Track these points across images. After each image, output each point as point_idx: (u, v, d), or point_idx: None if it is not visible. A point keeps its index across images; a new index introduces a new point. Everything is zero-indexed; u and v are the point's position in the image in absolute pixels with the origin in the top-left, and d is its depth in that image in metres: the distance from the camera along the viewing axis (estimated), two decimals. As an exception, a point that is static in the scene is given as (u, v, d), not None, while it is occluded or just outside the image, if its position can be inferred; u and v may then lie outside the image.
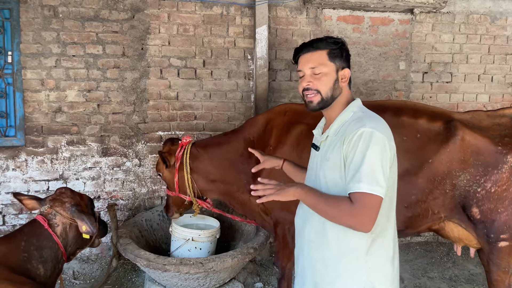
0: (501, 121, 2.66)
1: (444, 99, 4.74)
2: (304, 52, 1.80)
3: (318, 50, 1.77)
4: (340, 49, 1.79)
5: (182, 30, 4.19)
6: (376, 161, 1.60)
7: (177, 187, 3.27)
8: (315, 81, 1.76)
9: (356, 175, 1.59)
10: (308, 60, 1.78)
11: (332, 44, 1.78)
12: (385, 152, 1.63)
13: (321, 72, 1.75)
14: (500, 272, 2.55)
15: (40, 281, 2.33)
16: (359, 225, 1.60)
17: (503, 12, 4.70)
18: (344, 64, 1.80)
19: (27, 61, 3.90)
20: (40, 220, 2.45)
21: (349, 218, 1.59)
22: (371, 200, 1.58)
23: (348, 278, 1.70)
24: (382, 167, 1.61)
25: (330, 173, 1.72)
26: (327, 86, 1.76)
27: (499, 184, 2.47)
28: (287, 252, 3.03)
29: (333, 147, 1.72)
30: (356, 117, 1.74)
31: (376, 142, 1.61)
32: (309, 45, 1.79)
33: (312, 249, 1.79)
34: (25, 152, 3.97)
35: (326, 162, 1.74)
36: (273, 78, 4.40)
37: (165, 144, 3.41)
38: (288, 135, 2.98)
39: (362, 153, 1.60)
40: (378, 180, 1.58)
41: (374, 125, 1.66)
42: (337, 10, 4.44)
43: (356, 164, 1.60)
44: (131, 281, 3.86)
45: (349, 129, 1.69)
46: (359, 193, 1.57)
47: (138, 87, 4.16)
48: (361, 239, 1.68)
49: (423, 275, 4.09)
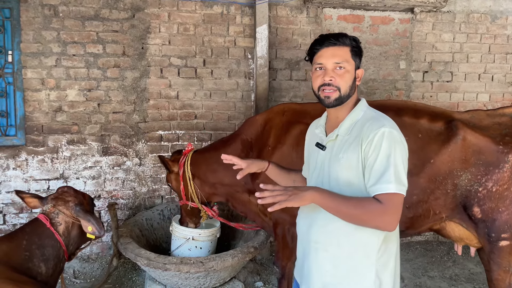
0: (501, 120, 2.66)
1: (444, 98, 4.74)
2: (327, 46, 1.73)
3: (343, 45, 1.72)
4: (359, 48, 1.77)
5: (183, 29, 4.19)
6: (399, 161, 1.61)
7: (183, 194, 3.34)
8: (337, 77, 1.71)
9: (384, 176, 1.58)
10: (333, 54, 1.71)
11: (353, 41, 1.75)
12: (405, 151, 1.66)
13: (345, 68, 1.71)
14: (500, 271, 2.55)
15: (42, 280, 2.32)
16: (388, 225, 1.60)
17: (503, 11, 4.70)
18: (359, 63, 1.78)
19: (27, 60, 3.90)
20: (42, 219, 2.45)
21: (379, 218, 1.58)
22: (398, 200, 1.59)
23: (358, 276, 1.70)
24: (404, 166, 1.62)
25: (344, 173, 1.69)
26: (348, 83, 1.72)
27: (500, 183, 2.47)
28: (287, 252, 3.03)
29: (348, 147, 1.70)
30: (370, 117, 1.72)
31: (398, 142, 1.63)
32: (333, 39, 1.72)
33: (320, 251, 1.76)
34: (25, 151, 3.97)
35: (338, 162, 1.71)
36: (274, 77, 4.40)
37: (173, 154, 3.48)
38: (287, 135, 2.97)
39: (387, 153, 1.60)
40: (402, 179, 1.61)
41: (392, 125, 1.67)
42: (338, 9, 4.44)
43: (382, 165, 1.60)
44: (131, 280, 3.86)
45: (366, 128, 1.67)
46: (389, 193, 1.57)
47: (138, 86, 4.16)
48: (371, 237, 1.68)
49: (423, 274, 4.09)
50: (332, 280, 1.74)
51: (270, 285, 3.83)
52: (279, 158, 2.92)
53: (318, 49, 1.75)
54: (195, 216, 3.47)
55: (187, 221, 3.47)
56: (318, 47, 1.75)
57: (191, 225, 3.48)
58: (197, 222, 3.52)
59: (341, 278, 1.72)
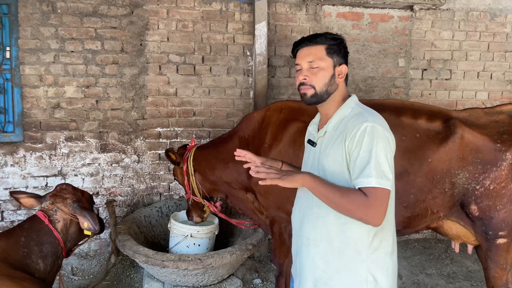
0: (498, 118, 2.66)
1: (443, 96, 4.74)
2: (303, 46, 1.80)
3: (317, 44, 1.78)
4: (339, 45, 1.80)
5: (181, 26, 4.18)
6: (382, 155, 1.61)
7: (188, 189, 3.41)
8: (311, 75, 1.76)
9: (365, 170, 1.60)
10: (306, 54, 1.78)
11: (330, 39, 1.78)
12: (389, 146, 1.66)
13: (318, 66, 1.76)
14: (498, 269, 2.55)
15: (40, 276, 2.33)
16: (371, 218, 1.60)
17: (502, 9, 4.70)
18: (342, 60, 1.80)
19: (25, 56, 3.89)
20: (40, 216, 2.45)
21: (363, 210, 1.59)
22: (382, 194, 1.60)
23: (349, 272, 1.71)
24: (388, 160, 1.63)
25: (330, 168, 1.72)
26: (323, 81, 1.76)
27: (497, 181, 2.47)
28: (284, 249, 3.03)
29: (334, 143, 1.72)
30: (356, 113, 1.74)
31: (380, 136, 1.63)
32: (308, 40, 1.80)
33: (311, 246, 1.78)
34: (23, 148, 3.97)
35: (326, 158, 1.74)
36: (272, 74, 4.39)
37: (178, 149, 3.55)
38: (284, 132, 2.97)
39: (369, 148, 1.61)
40: (385, 173, 1.61)
41: (376, 120, 1.68)
42: (337, 6, 4.43)
43: (363, 159, 1.61)
44: (129, 277, 3.86)
45: (350, 124, 1.69)
46: (372, 187, 1.59)
47: (137, 83, 4.15)
48: (362, 233, 1.69)
49: (421, 271, 4.10)
50: (323, 276, 1.75)
51: (268, 282, 3.83)
52: (276, 155, 2.92)
53: (297, 50, 1.83)
54: (200, 210, 3.52)
55: (193, 215, 3.53)
56: (297, 49, 1.83)
57: (196, 218, 3.53)
58: (203, 217, 3.56)
59: (332, 273, 1.74)
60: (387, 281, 1.73)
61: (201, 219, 3.55)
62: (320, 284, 1.76)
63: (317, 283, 1.77)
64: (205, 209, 3.52)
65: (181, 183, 3.49)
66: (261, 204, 3.17)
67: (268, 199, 3.03)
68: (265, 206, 3.12)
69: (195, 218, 3.53)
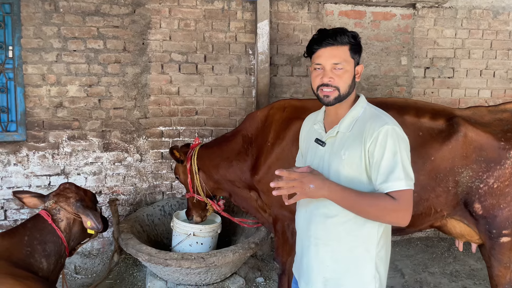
0: (502, 116, 2.65)
1: (446, 95, 4.72)
2: (325, 46, 1.71)
3: (342, 45, 1.71)
4: (359, 45, 1.76)
5: (183, 25, 4.18)
6: (405, 156, 1.64)
7: (190, 187, 3.41)
8: (336, 77, 1.70)
9: (393, 174, 1.61)
10: (331, 55, 1.70)
11: (352, 38, 1.72)
12: (408, 147, 1.68)
13: (343, 68, 1.71)
14: (501, 267, 2.55)
15: (43, 275, 2.34)
16: (402, 219, 1.62)
17: (505, 7, 4.68)
18: (359, 59, 1.77)
19: (28, 56, 3.89)
20: (43, 215, 2.46)
21: (395, 214, 1.60)
22: (410, 195, 1.62)
23: (359, 270, 1.72)
24: (408, 161, 1.66)
25: (345, 169, 1.70)
26: (347, 83, 1.72)
27: (501, 179, 2.47)
28: (287, 247, 3.04)
29: (350, 144, 1.70)
30: (372, 114, 1.73)
31: (401, 138, 1.66)
32: (331, 38, 1.70)
33: (320, 246, 1.77)
34: (26, 147, 3.97)
35: (340, 159, 1.71)
36: (275, 73, 4.39)
37: (181, 147, 3.54)
38: (287, 131, 2.97)
39: (393, 151, 1.62)
40: (410, 174, 1.64)
41: (394, 122, 1.69)
42: (339, 4, 4.42)
43: (389, 163, 1.62)
44: (132, 276, 3.87)
45: (369, 126, 1.67)
46: (402, 190, 1.60)
47: (139, 82, 4.15)
48: (371, 231, 1.70)
49: (424, 270, 4.09)
50: (333, 275, 1.75)
51: (271, 280, 3.83)
52: (279, 154, 2.93)
53: (317, 49, 1.74)
54: (201, 209, 3.52)
55: (193, 214, 3.52)
56: (316, 47, 1.74)
57: (197, 218, 3.52)
58: (204, 216, 3.56)
59: (342, 273, 1.74)
60: (384, 275, 1.77)
61: (201, 219, 3.55)
62: (331, 283, 1.76)
63: (327, 283, 1.76)
64: (208, 207, 3.52)
65: (183, 182, 3.49)
66: (264, 202, 3.17)
67: (271, 197, 3.03)
68: (268, 204, 3.12)
69: (195, 218, 3.52)
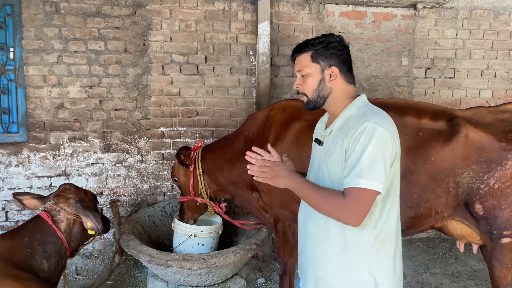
0: (503, 117, 2.64)
1: (447, 95, 4.72)
2: (294, 57, 1.86)
3: (303, 53, 1.81)
4: (326, 48, 1.77)
5: (184, 26, 4.18)
6: (376, 156, 1.58)
7: (192, 190, 3.39)
8: (302, 84, 1.82)
9: (354, 170, 1.59)
10: (296, 64, 1.84)
11: (317, 44, 1.78)
12: (387, 148, 1.62)
13: (306, 73, 1.80)
14: (502, 268, 2.54)
15: (44, 276, 2.33)
16: (348, 219, 1.60)
17: (506, 7, 4.67)
18: (332, 62, 1.77)
19: (29, 57, 3.90)
20: (43, 216, 2.46)
21: (339, 211, 1.60)
22: (365, 195, 1.58)
23: (349, 273, 1.70)
24: (383, 162, 1.59)
25: (333, 167, 1.72)
26: (312, 87, 1.80)
27: (502, 180, 2.46)
28: (288, 248, 3.04)
29: (336, 142, 1.72)
30: (361, 112, 1.72)
31: (377, 137, 1.60)
32: (296, 50, 1.85)
33: (314, 244, 1.79)
34: (27, 148, 3.98)
35: (330, 157, 1.74)
36: (275, 74, 4.39)
37: (180, 150, 3.52)
38: (288, 132, 2.98)
39: (362, 147, 1.59)
40: (377, 175, 1.58)
41: (378, 121, 1.64)
42: (340, 5, 4.42)
43: (354, 159, 1.60)
44: (133, 277, 3.87)
45: (352, 124, 1.68)
46: (354, 188, 1.58)
47: (140, 83, 4.15)
48: (364, 234, 1.68)
49: (425, 271, 4.09)
50: (324, 275, 1.75)
51: (272, 281, 3.83)
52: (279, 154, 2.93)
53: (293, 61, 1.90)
54: (197, 212, 3.51)
55: (189, 217, 3.51)
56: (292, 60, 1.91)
57: (191, 220, 3.51)
58: (197, 218, 3.56)
59: (331, 273, 1.74)
60: (387, 283, 1.72)
61: (194, 221, 3.54)
62: (321, 283, 1.76)
63: (318, 282, 1.77)
64: (209, 210, 3.51)
65: (182, 184, 3.45)
66: (265, 202, 3.17)
67: (271, 198, 3.03)
68: (269, 204, 3.12)
69: (190, 220, 3.51)
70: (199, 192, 3.39)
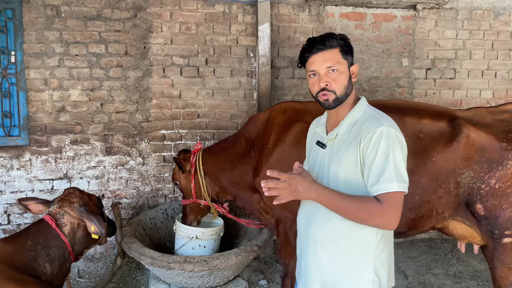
0: (503, 117, 2.65)
1: (447, 96, 4.72)
2: (316, 52, 1.74)
3: (331, 48, 1.74)
4: (349, 45, 1.79)
5: (185, 29, 4.19)
6: (399, 158, 1.63)
7: (194, 192, 3.38)
8: (332, 81, 1.73)
9: (383, 175, 1.60)
10: (323, 59, 1.73)
11: (341, 40, 1.76)
12: (404, 149, 1.68)
13: (337, 70, 1.73)
14: (504, 268, 2.54)
15: (47, 279, 2.34)
16: (388, 224, 1.61)
17: (506, 8, 4.67)
18: (352, 60, 1.80)
19: (30, 60, 3.91)
20: (47, 220, 2.47)
21: (380, 218, 1.60)
22: (399, 198, 1.61)
23: (357, 274, 1.71)
24: (404, 163, 1.65)
25: (343, 171, 1.71)
26: (343, 84, 1.74)
27: (503, 180, 2.46)
28: (290, 249, 3.04)
29: (348, 146, 1.71)
30: (370, 116, 1.73)
31: (396, 140, 1.64)
32: (320, 44, 1.74)
33: (318, 248, 1.78)
34: (29, 152, 3.99)
35: (338, 161, 1.72)
36: (276, 75, 4.40)
37: (179, 153, 3.53)
38: (288, 133, 2.98)
39: (385, 152, 1.61)
40: (403, 176, 1.62)
41: (391, 124, 1.68)
42: (340, 7, 4.43)
43: (380, 164, 1.61)
44: (135, 279, 3.87)
45: (365, 128, 1.68)
46: (388, 193, 1.59)
47: (141, 86, 4.16)
48: (370, 235, 1.69)
49: (427, 271, 4.08)
50: (331, 278, 1.75)
51: (274, 283, 3.83)
52: (279, 155, 2.94)
53: (308, 56, 1.77)
54: (200, 214, 3.52)
55: (192, 220, 3.51)
56: (307, 55, 1.77)
57: (194, 223, 3.52)
58: (200, 220, 3.57)
59: (339, 275, 1.74)
60: (385, 278, 1.75)
61: (198, 223, 3.55)
62: (328, 286, 1.76)
63: (325, 285, 1.76)
64: (212, 211, 3.52)
65: (184, 187, 3.45)
66: (266, 204, 3.18)
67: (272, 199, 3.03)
68: (270, 206, 3.13)
69: (194, 223, 3.51)
70: (201, 195, 3.39)
